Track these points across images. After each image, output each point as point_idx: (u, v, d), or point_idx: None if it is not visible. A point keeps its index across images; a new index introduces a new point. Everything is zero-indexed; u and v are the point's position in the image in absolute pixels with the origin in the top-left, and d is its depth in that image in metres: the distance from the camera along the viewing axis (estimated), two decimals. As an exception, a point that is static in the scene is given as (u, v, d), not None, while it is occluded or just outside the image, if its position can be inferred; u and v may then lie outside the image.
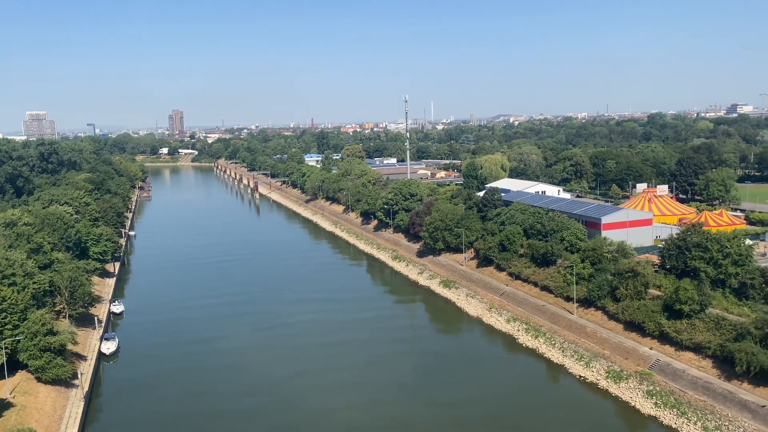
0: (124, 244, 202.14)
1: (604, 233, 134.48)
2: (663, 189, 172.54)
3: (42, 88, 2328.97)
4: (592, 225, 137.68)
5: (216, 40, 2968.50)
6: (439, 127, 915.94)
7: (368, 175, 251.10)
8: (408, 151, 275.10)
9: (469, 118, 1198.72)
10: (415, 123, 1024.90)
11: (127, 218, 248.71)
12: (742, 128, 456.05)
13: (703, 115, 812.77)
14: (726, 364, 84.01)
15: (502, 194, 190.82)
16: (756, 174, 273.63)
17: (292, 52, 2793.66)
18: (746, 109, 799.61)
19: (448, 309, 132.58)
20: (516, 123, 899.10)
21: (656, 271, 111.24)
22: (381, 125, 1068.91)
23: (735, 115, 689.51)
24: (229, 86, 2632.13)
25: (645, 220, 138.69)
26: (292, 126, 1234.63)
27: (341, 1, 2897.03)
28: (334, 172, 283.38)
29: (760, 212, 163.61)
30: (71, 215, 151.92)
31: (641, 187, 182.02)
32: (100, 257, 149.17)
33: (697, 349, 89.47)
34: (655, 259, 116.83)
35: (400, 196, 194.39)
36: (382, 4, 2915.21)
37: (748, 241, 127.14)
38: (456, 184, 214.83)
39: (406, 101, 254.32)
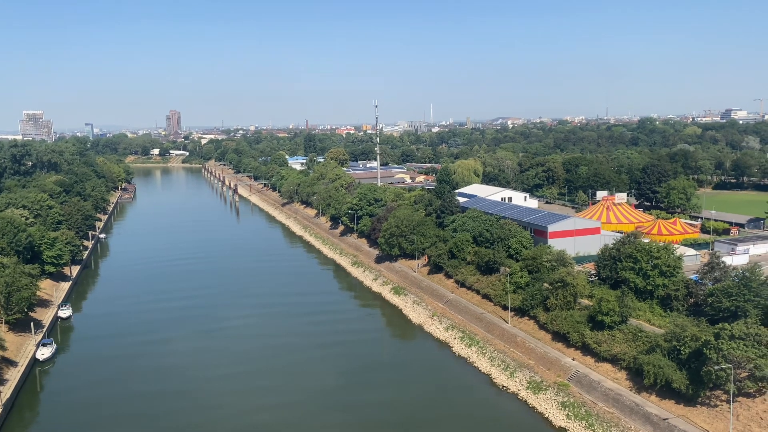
0: (91, 246, 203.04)
1: (551, 241, 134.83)
2: (621, 197, 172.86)
3: (40, 88, 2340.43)
4: (540, 233, 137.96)
5: (217, 40, 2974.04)
6: (435, 129, 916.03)
7: (342, 179, 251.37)
8: (378, 156, 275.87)
9: (466, 121, 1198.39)
10: (410, 125, 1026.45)
11: (101, 220, 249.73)
12: (729, 134, 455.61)
13: (699, 120, 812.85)
14: (638, 376, 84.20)
15: (467, 200, 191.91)
16: (732, 181, 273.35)
17: (292, 53, 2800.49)
18: (740, 114, 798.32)
19: (394, 316, 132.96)
20: (511, 126, 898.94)
21: (591, 281, 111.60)
22: (378, 127, 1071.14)
23: (724, 120, 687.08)
24: (230, 86, 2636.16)
25: (593, 228, 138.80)
26: (291, 127, 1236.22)
27: (343, 2, 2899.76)
28: (310, 175, 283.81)
29: (715, 221, 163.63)
30: (26, 219, 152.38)
31: (601, 194, 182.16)
32: (55, 261, 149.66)
33: (614, 360, 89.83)
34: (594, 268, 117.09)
35: (365, 201, 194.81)
36: (385, 6, 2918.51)
37: (690, 251, 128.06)
38: (420, 189, 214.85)
39: (376, 106, 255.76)
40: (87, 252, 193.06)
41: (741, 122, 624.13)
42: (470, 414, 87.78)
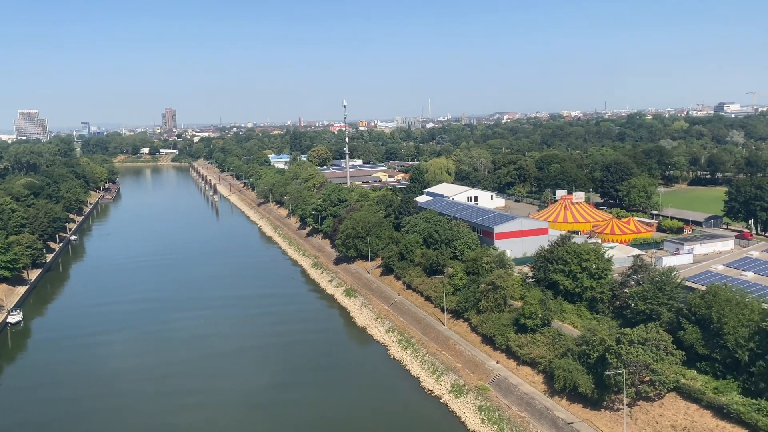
0: (58, 249, 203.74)
1: (498, 242, 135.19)
2: (579, 196, 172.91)
3: (37, 86, 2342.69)
4: (488, 234, 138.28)
5: (216, 38, 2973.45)
6: (429, 125, 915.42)
7: (314, 178, 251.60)
8: (347, 155, 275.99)
9: (463, 116, 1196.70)
10: (404, 121, 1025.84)
11: (74, 222, 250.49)
12: (715, 128, 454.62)
13: (693, 113, 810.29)
14: (553, 379, 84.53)
15: (431, 199, 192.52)
16: (707, 177, 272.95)
17: (291, 50, 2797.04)
18: (733, 108, 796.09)
19: (341, 318, 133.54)
20: (505, 121, 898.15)
21: (527, 283, 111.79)
22: (373, 123, 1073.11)
23: (719, 113, 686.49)
24: (229, 84, 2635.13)
25: (540, 229, 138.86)
26: (289, 124, 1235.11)
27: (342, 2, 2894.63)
28: (285, 174, 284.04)
29: (672, 219, 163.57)
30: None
31: (560, 193, 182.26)
32: (9, 266, 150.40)
33: (533, 364, 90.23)
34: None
35: (329, 201, 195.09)
36: (384, 3, 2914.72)
37: (635, 251, 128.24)
38: (386, 189, 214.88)
39: (344, 106, 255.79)
40: (53, 255, 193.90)
41: (733, 116, 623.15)
42: (389, 419, 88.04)
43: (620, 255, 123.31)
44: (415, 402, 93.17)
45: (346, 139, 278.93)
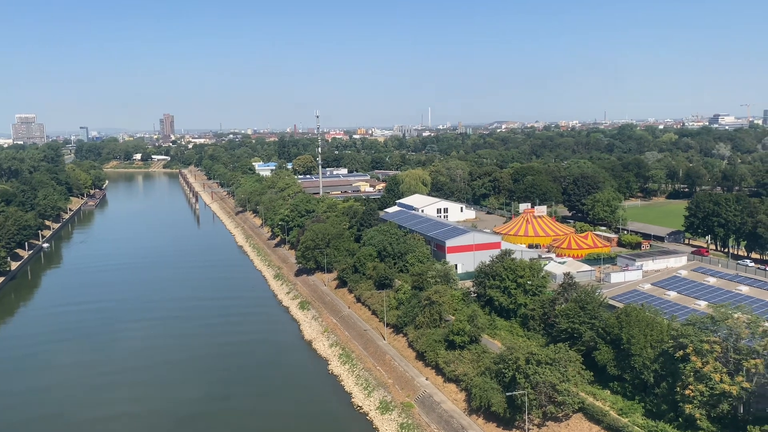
0: (27, 256, 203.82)
1: (450, 256, 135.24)
2: (541, 209, 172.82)
3: (36, 91, 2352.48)
4: (440, 248, 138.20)
5: (216, 43, 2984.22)
6: (426, 134, 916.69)
7: (290, 188, 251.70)
8: (320, 166, 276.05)
9: (460, 125, 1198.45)
10: (399, 130, 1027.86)
11: (49, 228, 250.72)
12: (704, 141, 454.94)
13: (688, 125, 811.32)
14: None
15: (399, 210, 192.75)
16: (685, 190, 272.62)
17: (294, 56, 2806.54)
18: (727, 120, 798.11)
19: (289, 331, 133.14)
20: (499, 130, 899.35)
21: (470, 298, 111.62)
22: (370, 131, 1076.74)
23: (714, 125, 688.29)
24: (231, 90, 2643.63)
25: (493, 243, 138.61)
26: (288, 131, 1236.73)
27: (344, 6, 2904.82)
28: (263, 183, 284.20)
29: (633, 233, 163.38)
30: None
31: (524, 206, 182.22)
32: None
33: (458, 381, 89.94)
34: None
35: (296, 212, 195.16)
36: (388, 9, 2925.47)
37: (584, 267, 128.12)
38: (353, 200, 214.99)
39: (317, 117, 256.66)
40: (20, 263, 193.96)
41: (726, 128, 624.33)
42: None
43: (570, 271, 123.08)
44: (341, 419, 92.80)
45: (319, 149, 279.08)
